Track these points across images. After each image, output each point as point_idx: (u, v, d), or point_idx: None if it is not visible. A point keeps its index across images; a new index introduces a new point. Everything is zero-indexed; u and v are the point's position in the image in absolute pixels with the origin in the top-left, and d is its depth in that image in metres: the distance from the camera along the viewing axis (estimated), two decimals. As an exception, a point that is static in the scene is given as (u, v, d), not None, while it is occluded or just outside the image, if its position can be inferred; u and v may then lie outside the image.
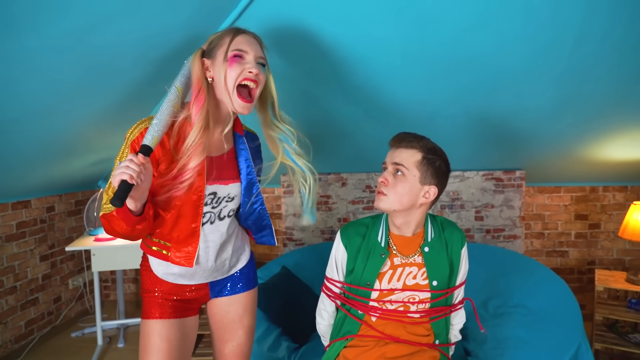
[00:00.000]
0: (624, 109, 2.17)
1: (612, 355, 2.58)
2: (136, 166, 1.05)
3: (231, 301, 1.44)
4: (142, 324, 1.34)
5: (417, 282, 1.37)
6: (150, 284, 1.35)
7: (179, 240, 1.29)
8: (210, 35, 1.30)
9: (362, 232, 1.44)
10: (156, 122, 1.15)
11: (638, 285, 2.44)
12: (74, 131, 2.19)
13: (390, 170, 1.35)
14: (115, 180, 1.04)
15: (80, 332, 3.14)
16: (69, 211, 3.28)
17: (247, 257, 1.49)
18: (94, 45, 1.53)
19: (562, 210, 3.12)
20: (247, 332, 1.47)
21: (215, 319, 1.45)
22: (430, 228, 1.42)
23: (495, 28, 1.71)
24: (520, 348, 1.86)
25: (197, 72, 1.24)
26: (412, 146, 1.33)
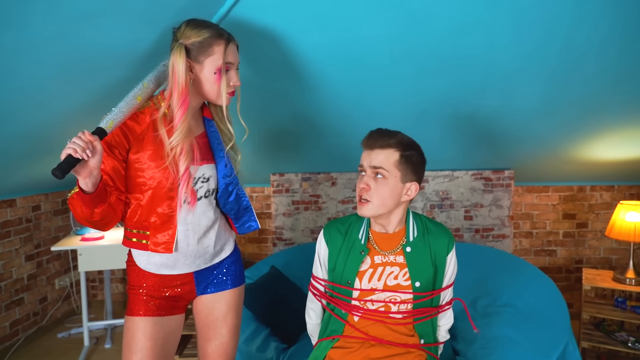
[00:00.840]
0: (610, 110, 2.19)
1: (599, 353, 2.60)
2: (82, 142, 1.05)
3: (216, 298, 1.43)
4: (127, 320, 1.33)
5: (398, 282, 1.35)
6: (136, 280, 1.34)
7: (156, 227, 1.29)
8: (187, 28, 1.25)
9: (344, 229, 1.43)
10: (116, 110, 1.17)
11: (624, 284, 2.46)
12: (58, 128, 2.15)
13: (370, 175, 1.32)
14: (63, 154, 1.04)
15: (67, 332, 3.10)
16: (55, 210, 3.24)
17: (231, 248, 1.49)
18: (77, 42, 1.50)
19: (551, 209, 3.14)
20: (230, 331, 1.46)
21: (200, 316, 1.45)
22: (413, 226, 1.39)
23: (484, 28, 1.71)
24: (508, 347, 1.87)
25: (182, 74, 1.22)
26: (389, 145, 1.29)
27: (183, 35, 1.24)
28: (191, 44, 1.24)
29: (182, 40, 1.24)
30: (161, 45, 1.74)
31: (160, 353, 1.32)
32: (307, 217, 3.19)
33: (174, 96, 1.23)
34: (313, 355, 1.46)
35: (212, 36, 1.25)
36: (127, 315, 1.33)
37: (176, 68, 1.21)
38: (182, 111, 1.23)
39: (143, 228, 1.30)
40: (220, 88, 1.28)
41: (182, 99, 1.23)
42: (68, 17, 1.35)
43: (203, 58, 1.25)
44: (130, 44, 1.65)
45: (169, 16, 1.58)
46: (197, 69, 1.26)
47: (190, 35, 1.24)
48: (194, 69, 1.26)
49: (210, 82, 1.28)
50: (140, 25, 1.56)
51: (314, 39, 1.82)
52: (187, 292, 1.40)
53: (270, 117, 2.45)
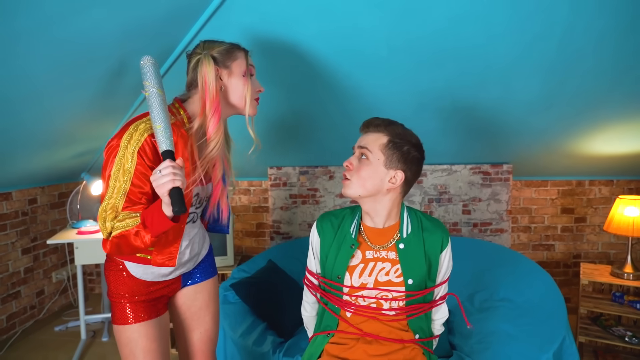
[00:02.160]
0: (609, 104, 2.17)
1: (595, 347, 2.61)
2: (180, 171, 1.05)
3: (197, 289, 1.47)
4: (121, 330, 1.28)
5: (389, 279, 1.33)
6: (123, 288, 1.29)
7: (163, 244, 1.26)
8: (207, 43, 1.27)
9: (337, 222, 1.41)
10: (163, 127, 1.10)
11: (622, 278, 2.46)
12: (52, 122, 2.13)
13: (356, 155, 1.33)
14: (166, 189, 1.02)
15: (64, 326, 3.10)
16: (51, 203, 3.22)
17: (208, 244, 1.53)
18: (72, 32, 1.48)
19: (549, 204, 3.13)
20: (213, 318, 1.52)
21: (182, 309, 1.46)
22: (407, 222, 1.37)
23: (482, 20, 1.69)
24: (505, 342, 1.87)
25: (213, 81, 1.22)
26: (379, 130, 1.30)
27: (205, 48, 1.25)
28: (217, 52, 1.25)
29: (206, 51, 1.24)
30: (154, 36, 1.72)
31: (165, 352, 1.34)
32: (304, 211, 3.18)
33: (207, 106, 1.22)
34: (309, 351, 1.44)
35: (232, 45, 1.29)
36: (119, 325, 1.28)
37: (207, 77, 1.21)
38: (215, 120, 1.23)
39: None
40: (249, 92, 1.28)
41: (215, 107, 1.22)
42: (54, 7, 1.32)
43: (230, 62, 1.26)
44: (122, 35, 1.62)
45: (160, 7, 1.56)
46: (226, 75, 1.27)
47: (213, 46, 1.26)
48: (222, 77, 1.27)
49: (240, 86, 1.28)
50: (131, 16, 1.54)
51: (311, 31, 1.80)
52: (172, 289, 1.41)
53: (267, 110, 2.42)
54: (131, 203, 1.13)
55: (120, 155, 1.11)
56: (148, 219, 1.09)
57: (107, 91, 2.02)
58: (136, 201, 1.13)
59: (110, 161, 1.12)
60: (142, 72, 1.15)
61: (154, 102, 1.12)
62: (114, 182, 1.11)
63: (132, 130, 1.13)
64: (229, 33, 1.78)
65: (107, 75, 1.87)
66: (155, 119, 1.10)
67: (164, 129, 1.09)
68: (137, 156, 1.11)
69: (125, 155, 1.11)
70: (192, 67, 1.25)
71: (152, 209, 1.09)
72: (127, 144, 1.11)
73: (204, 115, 1.22)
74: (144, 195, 1.14)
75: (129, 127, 1.14)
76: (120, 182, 1.11)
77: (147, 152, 1.12)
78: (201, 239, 1.46)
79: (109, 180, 1.12)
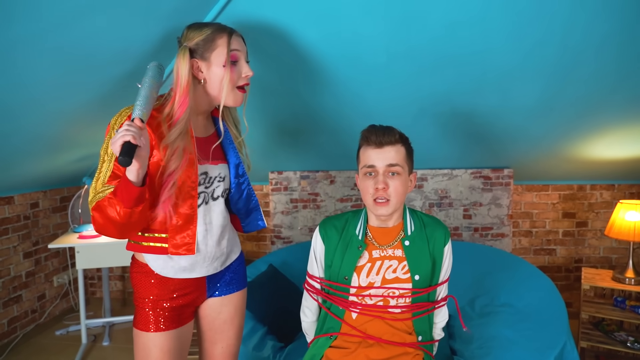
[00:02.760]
0: (609, 108, 2.17)
1: (597, 353, 2.59)
2: (135, 128, 1.03)
3: (224, 302, 1.42)
4: (139, 335, 1.28)
5: (397, 276, 1.35)
6: (145, 289, 1.28)
7: (176, 228, 1.24)
8: (190, 30, 1.26)
9: (340, 225, 1.43)
10: (142, 97, 1.11)
11: (624, 283, 2.45)
12: (55, 126, 2.15)
13: (384, 173, 1.31)
14: (117, 144, 1.00)
15: (65, 330, 3.10)
16: (53, 207, 3.23)
17: (239, 249, 1.49)
18: (71, 39, 1.49)
19: (550, 208, 3.13)
20: (237, 333, 1.47)
21: (206, 320, 1.43)
22: (410, 220, 1.41)
23: (480, 26, 1.69)
24: (506, 347, 1.86)
25: (185, 74, 1.21)
26: (396, 141, 1.33)
27: (186, 38, 1.25)
28: (195, 44, 1.24)
29: (186, 43, 1.24)
30: (157, 42, 1.73)
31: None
32: (305, 215, 3.18)
33: (177, 98, 1.22)
34: (310, 353, 1.45)
35: (213, 31, 1.25)
36: (138, 330, 1.28)
37: (179, 70, 1.22)
38: (181, 110, 1.21)
39: (162, 231, 1.25)
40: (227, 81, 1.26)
41: (182, 99, 1.21)
42: (56, 14, 1.33)
43: (208, 54, 1.25)
44: (124, 41, 1.64)
45: (162, 14, 1.57)
46: (205, 68, 1.26)
47: (193, 36, 1.25)
48: (202, 69, 1.26)
49: (219, 77, 1.26)
50: (134, 22, 1.55)
51: (310, 37, 1.80)
52: (196, 297, 1.37)
53: (268, 115, 2.44)
54: (116, 177, 1.14)
55: (108, 136, 1.15)
56: (119, 188, 1.09)
57: (108, 95, 2.03)
58: (119, 175, 1.14)
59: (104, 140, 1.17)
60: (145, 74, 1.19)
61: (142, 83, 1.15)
62: (102, 158, 1.16)
63: (119, 112, 1.19)
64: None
65: (109, 80, 1.89)
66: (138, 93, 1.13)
67: (141, 100, 1.10)
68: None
69: (110, 134, 1.15)
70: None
71: (124, 179, 1.10)
72: (114, 124, 1.16)
73: (172, 105, 1.22)
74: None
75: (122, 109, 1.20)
76: (107, 159, 1.15)
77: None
78: (231, 237, 1.42)
79: (100, 157, 1.17)
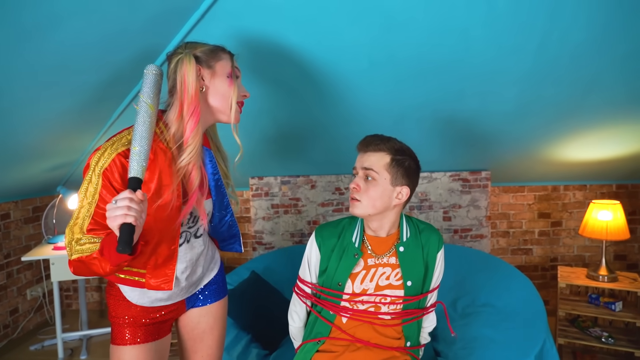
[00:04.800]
0: (582, 112, 2.24)
1: (574, 349, 2.67)
2: (138, 205, 0.95)
3: (202, 312, 1.41)
4: (114, 350, 1.24)
5: (390, 282, 1.37)
6: (121, 311, 1.25)
7: (156, 266, 1.20)
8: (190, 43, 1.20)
9: (337, 232, 1.43)
10: (139, 149, 1.01)
11: (597, 281, 2.53)
12: (30, 135, 2.08)
13: (361, 176, 1.35)
14: (116, 222, 0.93)
15: (40, 344, 3.00)
16: (25, 218, 3.12)
17: (218, 266, 1.46)
18: (46, 45, 1.45)
19: (526, 209, 3.20)
20: (217, 342, 1.45)
21: (186, 330, 1.41)
22: (406, 228, 1.42)
23: (461, 33, 1.73)
24: (488, 347, 1.90)
25: (193, 82, 1.13)
26: (380, 149, 1.33)
27: (187, 48, 1.17)
28: (200, 52, 1.18)
29: (189, 50, 1.16)
30: (136, 49, 1.70)
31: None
32: (286, 221, 3.17)
33: (185, 107, 1.12)
34: (297, 359, 1.44)
35: (216, 47, 1.22)
36: (114, 345, 1.25)
37: (186, 76, 1.12)
38: (193, 122, 1.13)
39: (140, 267, 1.20)
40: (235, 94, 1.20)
41: (193, 109, 1.12)
42: (32, 19, 1.30)
43: (214, 62, 1.19)
44: (101, 47, 1.60)
45: (139, 21, 1.55)
46: (209, 76, 1.18)
47: (196, 46, 1.19)
48: (204, 77, 1.18)
49: (224, 87, 1.20)
50: (113, 27, 1.52)
51: (294, 43, 1.81)
52: (176, 314, 1.36)
53: (248, 121, 2.41)
54: (97, 225, 1.06)
55: (89, 175, 1.06)
56: (106, 247, 1.01)
57: (84, 103, 1.98)
58: (102, 223, 1.05)
59: (83, 180, 1.08)
60: (142, 82, 1.10)
61: (139, 119, 1.05)
62: (81, 202, 1.06)
63: (104, 148, 1.07)
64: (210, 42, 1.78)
65: (86, 87, 1.84)
66: (134, 138, 1.03)
67: (139, 152, 1.01)
68: (102, 178, 1.04)
69: (92, 176, 1.05)
70: (172, 68, 1.15)
71: (112, 237, 1.01)
72: (96, 164, 1.05)
73: (180, 117, 1.13)
74: None
75: (105, 144, 1.09)
76: (86, 204, 1.06)
77: (114, 174, 1.05)
78: (207, 260, 1.38)
79: (78, 199, 1.08)
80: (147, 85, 1.09)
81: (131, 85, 2.02)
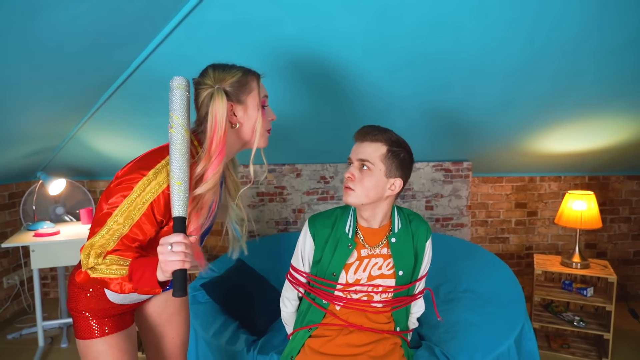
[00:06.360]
0: (561, 106, 2.33)
1: (547, 333, 2.80)
2: (189, 250, 0.97)
3: (168, 296, 1.41)
4: (88, 345, 1.20)
5: (382, 272, 1.41)
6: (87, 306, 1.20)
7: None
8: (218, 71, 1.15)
9: (330, 223, 1.45)
10: (184, 186, 1.01)
11: (571, 267, 2.65)
12: (11, 119, 2.02)
13: (356, 166, 1.37)
14: (172, 268, 0.95)
15: (18, 333, 2.94)
16: (2, 204, 3.04)
17: None
18: (42, 27, 1.41)
19: (504, 199, 3.31)
20: (185, 322, 1.48)
21: (152, 317, 1.41)
22: (397, 219, 1.45)
23: (452, 25, 1.76)
24: (470, 330, 1.98)
25: (224, 119, 1.10)
26: (377, 139, 1.35)
27: (216, 80, 1.13)
28: (230, 85, 1.14)
29: (218, 85, 1.12)
30: (130, 33, 1.67)
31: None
32: (272, 209, 3.18)
33: (213, 146, 1.10)
34: (290, 346, 1.47)
35: (244, 73, 1.17)
36: (83, 339, 1.20)
37: (217, 115, 1.10)
38: (217, 162, 1.11)
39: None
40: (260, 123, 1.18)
41: (220, 149, 1.11)
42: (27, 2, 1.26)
43: (245, 96, 1.16)
44: (98, 30, 1.57)
45: (135, 3, 1.52)
46: (241, 111, 1.17)
47: (225, 77, 1.14)
48: (237, 112, 1.16)
49: (254, 120, 1.18)
50: (107, 11, 1.49)
51: (287, 30, 1.80)
52: (139, 303, 1.34)
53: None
54: (122, 247, 1.05)
55: (130, 200, 1.03)
56: (136, 274, 1.01)
57: (68, 88, 1.94)
58: (128, 245, 1.06)
59: (117, 197, 1.04)
60: (170, 99, 1.03)
61: (178, 148, 1.02)
62: (113, 223, 1.03)
63: (151, 177, 1.04)
64: (205, 32, 1.76)
65: (76, 72, 1.80)
66: (175, 170, 1.01)
67: (184, 189, 1.01)
68: (148, 207, 1.04)
69: (135, 201, 1.03)
70: (204, 100, 1.13)
71: (145, 266, 1.01)
72: (141, 192, 1.03)
73: (209, 156, 1.10)
74: (138, 241, 1.07)
75: (147, 169, 1.05)
76: (119, 225, 1.03)
77: (160, 205, 1.05)
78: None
79: (107, 217, 1.03)
80: (180, 105, 1.03)
81: (120, 71, 1.99)
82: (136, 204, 1.03)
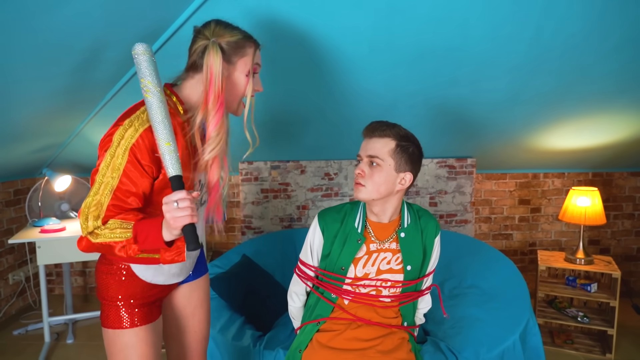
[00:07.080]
0: (566, 102, 2.33)
1: (550, 328, 2.81)
2: (192, 204, 0.99)
3: (193, 286, 1.41)
4: (117, 335, 1.19)
5: (390, 267, 1.42)
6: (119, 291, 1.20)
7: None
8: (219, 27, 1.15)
9: (339, 217, 1.46)
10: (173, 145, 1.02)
11: (575, 263, 2.66)
12: (18, 115, 2.03)
13: (366, 162, 1.38)
14: (181, 224, 0.97)
15: (24, 329, 2.95)
16: (7, 201, 3.05)
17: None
18: (53, 22, 1.41)
19: (508, 195, 3.32)
20: (207, 316, 1.47)
21: (178, 309, 1.40)
22: (407, 214, 1.46)
23: (460, 21, 1.77)
24: (475, 326, 1.99)
25: (219, 74, 1.11)
26: (386, 135, 1.36)
27: (214, 34, 1.14)
28: (226, 43, 1.14)
29: (215, 38, 1.13)
30: (141, 26, 1.67)
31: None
32: (276, 205, 3.19)
33: (211, 100, 1.12)
34: (298, 340, 1.48)
35: (244, 37, 1.18)
36: (115, 329, 1.19)
37: (213, 69, 1.11)
38: (218, 117, 1.12)
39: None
40: (245, 92, 1.20)
41: (219, 104, 1.12)
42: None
43: (236, 59, 1.17)
44: (109, 23, 1.57)
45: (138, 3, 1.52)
46: (228, 71, 1.17)
47: (224, 34, 1.15)
48: (224, 71, 1.15)
49: (239, 85, 1.19)
50: (119, 4, 1.49)
51: (292, 26, 1.80)
52: (165, 293, 1.34)
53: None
54: (118, 201, 1.05)
55: (112, 151, 1.03)
56: (142, 235, 1.02)
57: (76, 84, 1.94)
58: (123, 200, 1.05)
59: (100, 154, 1.06)
60: (138, 66, 1.03)
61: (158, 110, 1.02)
62: (102, 177, 1.04)
63: (127, 125, 1.05)
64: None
65: (79, 67, 1.80)
66: (160, 130, 1.01)
67: (174, 149, 1.02)
68: (128, 153, 1.03)
69: (116, 152, 1.03)
70: (198, 50, 1.13)
71: (149, 226, 1.02)
72: (120, 140, 1.03)
73: (205, 110, 1.12)
74: (132, 195, 1.06)
75: (123, 121, 1.06)
76: (108, 178, 1.03)
77: (142, 150, 1.04)
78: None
79: (96, 175, 1.05)
80: (150, 70, 1.04)
81: (126, 68, 1.99)
82: (117, 152, 1.04)
